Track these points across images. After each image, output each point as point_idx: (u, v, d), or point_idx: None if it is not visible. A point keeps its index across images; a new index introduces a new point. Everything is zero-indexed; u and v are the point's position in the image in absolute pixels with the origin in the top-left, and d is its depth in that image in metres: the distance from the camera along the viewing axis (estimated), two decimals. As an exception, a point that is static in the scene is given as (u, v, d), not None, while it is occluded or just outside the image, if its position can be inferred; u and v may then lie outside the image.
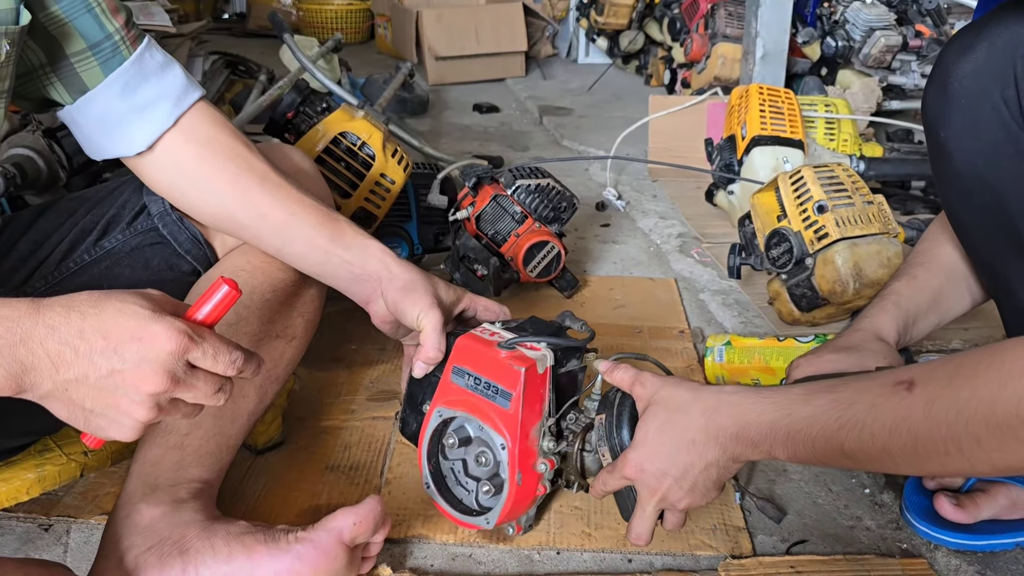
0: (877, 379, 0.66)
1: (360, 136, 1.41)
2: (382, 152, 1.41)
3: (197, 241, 0.97)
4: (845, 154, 1.85)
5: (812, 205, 1.34)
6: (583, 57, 4.08)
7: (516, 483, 0.85)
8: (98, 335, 0.62)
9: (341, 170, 1.39)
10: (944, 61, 0.87)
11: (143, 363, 0.63)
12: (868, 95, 2.28)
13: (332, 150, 1.39)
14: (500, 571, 0.93)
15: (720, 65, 2.55)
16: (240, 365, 0.68)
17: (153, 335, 0.63)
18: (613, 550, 0.95)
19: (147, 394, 0.64)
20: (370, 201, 1.43)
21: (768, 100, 1.76)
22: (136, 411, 0.64)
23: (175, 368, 0.64)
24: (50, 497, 0.99)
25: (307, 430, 1.15)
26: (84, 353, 0.62)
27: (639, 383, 0.84)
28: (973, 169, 0.86)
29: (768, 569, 0.92)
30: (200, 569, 0.77)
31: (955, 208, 0.94)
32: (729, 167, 1.77)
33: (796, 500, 1.04)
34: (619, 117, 2.85)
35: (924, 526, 0.96)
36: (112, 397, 0.64)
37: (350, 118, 1.43)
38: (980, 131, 0.84)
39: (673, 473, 0.78)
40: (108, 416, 0.65)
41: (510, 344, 0.86)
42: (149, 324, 0.63)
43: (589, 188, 2.24)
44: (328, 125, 1.41)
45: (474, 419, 0.87)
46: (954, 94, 0.85)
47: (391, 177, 1.43)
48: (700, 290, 1.62)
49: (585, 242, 1.88)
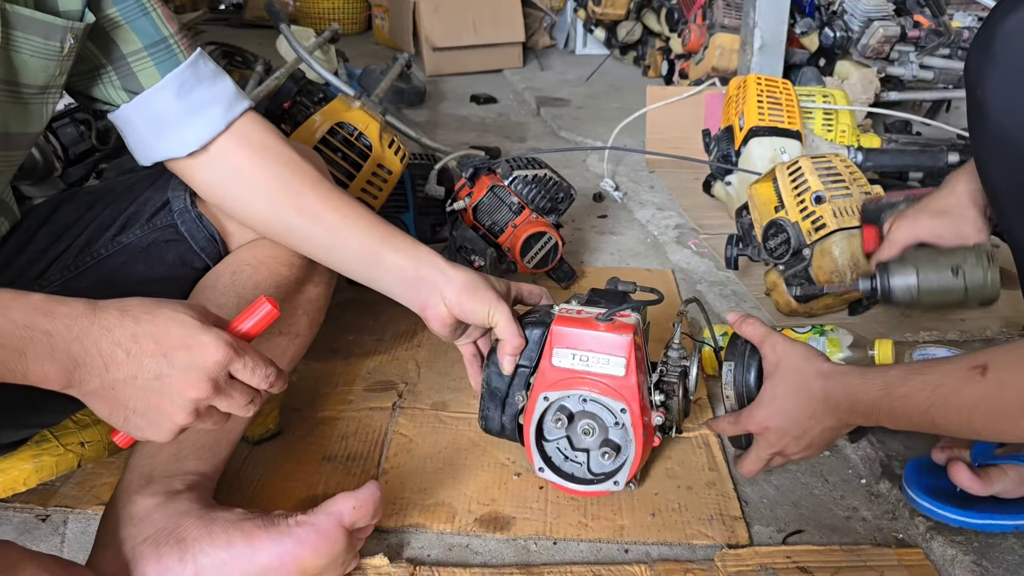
0: (957, 363, 0.77)
1: (357, 126, 1.41)
2: (379, 142, 1.41)
3: (213, 239, 0.98)
4: (843, 145, 1.84)
5: (810, 196, 1.34)
6: (581, 48, 4.07)
7: (641, 438, 0.91)
8: (150, 340, 0.66)
9: (338, 160, 1.39)
10: (990, 21, 0.87)
11: (190, 370, 0.66)
12: (866, 86, 2.28)
13: (329, 140, 1.39)
14: (497, 561, 0.93)
15: (718, 56, 2.55)
16: (272, 380, 0.72)
17: (202, 344, 0.67)
18: (610, 540, 0.95)
19: (190, 399, 0.67)
20: (367, 191, 1.42)
21: (766, 91, 1.76)
22: (177, 415, 0.68)
23: (218, 377, 0.68)
24: (47, 487, 0.99)
25: (304, 421, 1.15)
26: (135, 355, 0.65)
27: (769, 344, 0.94)
28: (1007, 130, 0.86)
29: (764, 559, 0.92)
30: (198, 557, 0.77)
31: (988, 167, 0.93)
32: (727, 158, 1.77)
33: (792, 491, 1.05)
34: (617, 108, 2.84)
35: (927, 502, 0.96)
36: (156, 399, 0.67)
37: (347, 108, 1.43)
38: (1018, 91, 0.84)
39: (793, 432, 0.90)
40: (149, 417, 0.68)
41: (608, 316, 0.91)
42: (198, 334, 0.67)
43: (586, 179, 2.23)
44: (325, 115, 1.41)
45: (576, 395, 0.92)
46: (995, 53, 0.85)
47: (388, 167, 1.43)
48: (697, 281, 1.62)
49: (582, 233, 1.88)
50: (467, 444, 1.11)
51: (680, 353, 1.01)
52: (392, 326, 1.42)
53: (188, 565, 0.76)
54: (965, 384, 0.75)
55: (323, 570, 0.80)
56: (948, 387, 0.76)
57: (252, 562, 0.77)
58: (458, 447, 1.10)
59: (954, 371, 0.77)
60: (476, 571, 0.90)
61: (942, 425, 0.78)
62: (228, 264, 0.97)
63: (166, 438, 0.69)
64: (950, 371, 0.77)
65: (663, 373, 0.99)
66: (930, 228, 1.05)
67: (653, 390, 0.96)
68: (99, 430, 0.97)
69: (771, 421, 0.91)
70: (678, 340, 1.01)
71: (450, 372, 1.28)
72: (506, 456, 1.08)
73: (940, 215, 1.05)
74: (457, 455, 1.09)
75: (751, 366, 0.96)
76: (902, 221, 1.07)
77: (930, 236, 1.05)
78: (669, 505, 1.01)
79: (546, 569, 0.90)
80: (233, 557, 0.77)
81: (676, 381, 0.99)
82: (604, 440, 0.95)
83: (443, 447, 1.10)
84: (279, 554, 0.77)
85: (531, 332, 0.97)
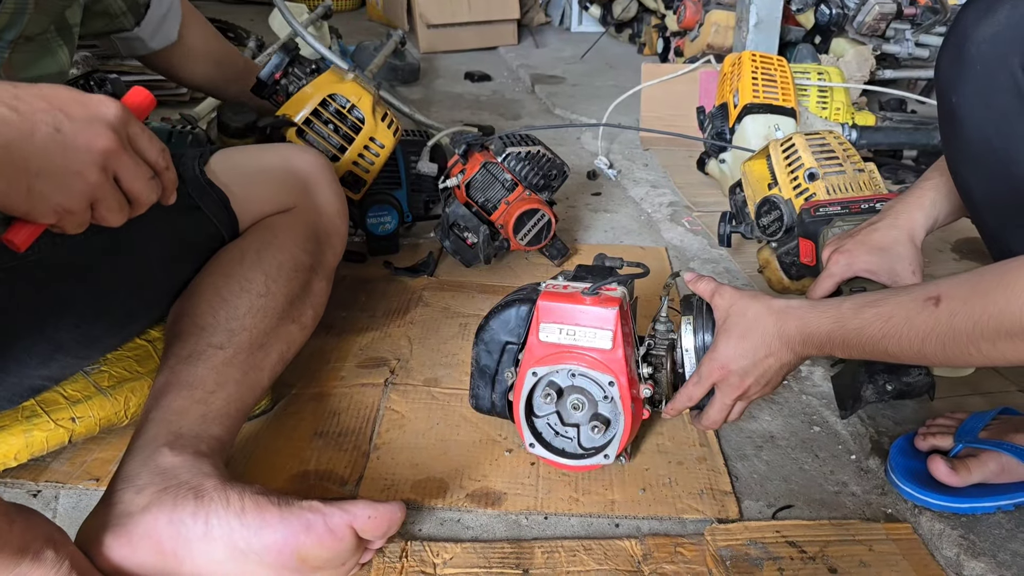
0: (911, 294, 0.79)
1: (350, 98, 1.39)
2: (371, 115, 1.40)
3: (223, 204, 1.02)
4: (837, 123, 1.84)
5: (803, 173, 1.33)
6: (576, 25, 4.04)
7: (630, 411, 0.92)
8: (37, 98, 0.62)
9: (330, 132, 1.38)
10: (962, 23, 0.84)
11: (92, 122, 0.64)
12: (861, 63, 2.27)
13: (320, 112, 1.38)
14: (488, 535, 0.93)
15: (713, 33, 2.53)
16: (166, 160, 0.72)
17: (97, 101, 0.65)
18: (600, 515, 0.96)
19: (98, 151, 0.64)
20: (359, 165, 1.41)
21: (761, 68, 1.75)
22: (87, 171, 0.64)
23: (120, 132, 0.65)
24: (38, 463, 0.99)
25: (296, 397, 1.15)
26: (25, 113, 0.61)
27: (719, 294, 0.94)
28: (984, 137, 0.85)
29: (754, 533, 0.93)
30: (211, 518, 0.77)
31: (962, 175, 0.92)
32: (721, 135, 1.76)
33: (783, 466, 1.05)
34: (612, 86, 2.83)
35: (909, 487, 0.97)
36: (61, 157, 0.63)
37: (339, 80, 1.41)
38: (994, 98, 0.82)
39: (754, 373, 0.91)
40: (56, 180, 0.63)
41: (594, 290, 0.91)
42: (88, 96, 0.65)
43: (580, 157, 2.22)
44: (317, 87, 1.39)
45: (565, 369, 0.92)
46: (970, 59, 0.83)
47: (380, 141, 1.41)
48: (690, 259, 1.62)
49: (576, 210, 1.87)
50: (459, 420, 1.11)
51: (667, 326, 1.01)
52: (384, 302, 1.42)
53: (199, 521, 0.77)
54: (918, 314, 0.76)
55: (323, 564, 0.79)
56: (900, 318, 0.78)
57: (258, 536, 0.77)
58: (450, 423, 1.10)
59: (907, 302, 0.78)
60: (467, 546, 0.90)
61: (895, 354, 0.80)
62: (252, 241, 1.02)
63: (79, 204, 0.65)
64: (903, 302, 0.79)
65: (651, 346, 0.99)
66: (867, 264, 1.07)
67: (641, 363, 0.97)
68: (90, 405, 0.97)
69: (732, 364, 0.91)
70: (665, 313, 1.02)
71: (442, 348, 1.28)
72: (498, 432, 1.08)
73: (877, 252, 1.07)
74: (449, 431, 1.09)
75: (708, 321, 0.97)
76: (840, 256, 1.09)
77: (865, 272, 1.07)
78: (660, 480, 1.01)
79: (537, 544, 0.91)
80: (243, 526, 0.77)
81: (664, 354, 0.99)
82: (594, 414, 0.95)
83: (435, 423, 1.11)
84: (284, 536, 0.77)
85: (518, 308, 0.97)
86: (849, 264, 1.08)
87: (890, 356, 0.81)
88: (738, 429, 1.12)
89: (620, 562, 0.88)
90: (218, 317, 0.95)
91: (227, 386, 0.91)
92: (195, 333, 0.93)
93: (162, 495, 0.78)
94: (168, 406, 0.87)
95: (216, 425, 0.88)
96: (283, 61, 1.39)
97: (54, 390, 0.95)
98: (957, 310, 0.73)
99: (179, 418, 0.86)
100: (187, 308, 0.97)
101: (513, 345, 0.98)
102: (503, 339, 0.99)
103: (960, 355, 0.74)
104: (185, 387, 0.89)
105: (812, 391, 1.20)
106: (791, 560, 0.89)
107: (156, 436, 0.84)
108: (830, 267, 1.10)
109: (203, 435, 0.86)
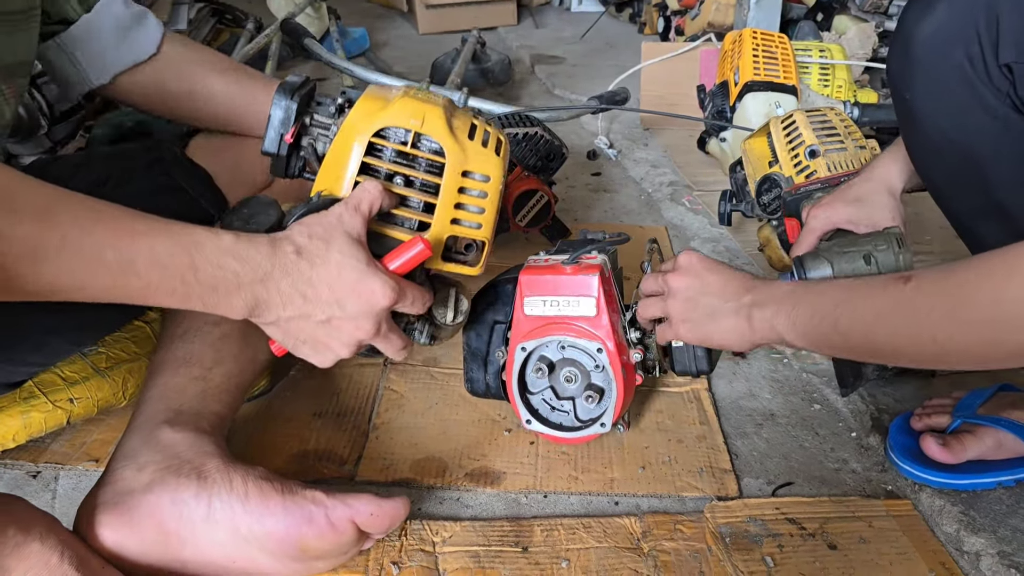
0: (887, 275, 0.76)
1: (407, 126, 0.82)
2: (450, 135, 0.83)
3: (210, 184, 1.00)
4: (839, 100, 1.82)
5: (804, 150, 1.32)
6: (576, 5, 4.01)
7: (621, 376, 0.92)
8: (324, 285, 0.73)
9: (400, 189, 0.83)
10: (905, 24, 0.86)
11: (359, 316, 0.75)
12: (864, 41, 2.25)
13: (374, 166, 0.82)
14: (488, 514, 0.93)
15: (714, 11, 2.51)
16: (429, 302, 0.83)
17: (371, 291, 0.74)
18: (600, 493, 0.96)
19: (356, 339, 0.77)
20: (462, 222, 0.85)
21: (762, 45, 1.73)
22: (341, 350, 0.77)
23: (382, 320, 0.77)
24: (37, 444, 0.99)
25: (295, 378, 1.15)
26: (311, 299, 0.73)
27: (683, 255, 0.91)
28: (941, 131, 0.86)
29: (754, 511, 0.92)
30: (213, 500, 0.77)
31: (926, 170, 0.94)
32: (721, 113, 1.75)
33: (783, 443, 1.05)
34: (612, 66, 2.80)
35: (908, 465, 0.97)
36: (325, 336, 0.76)
37: (383, 103, 0.84)
38: (945, 92, 0.83)
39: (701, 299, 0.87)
40: (315, 348, 0.77)
41: (573, 259, 0.91)
42: (367, 279, 0.74)
43: (580, 137, 2.21)
44: (353, 129, 0.82)
45: (555, 340, 0.93)
46: (916, 57, 0.84)
47: (481, 171, 0.85)
48: (691, 238, 1.61)
49: (576, 191, 1.86)
50: (458, 400, 1.11)
51: None
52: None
53: (202, 502, 0.76)
54: (883, 288, 0.72)
55: (324, 555, 0.80)
56: (865, 289, 0.74)
57: (260, 523, 0.77)
58: (449, 403, 1.10)
59: (879, 278, 0.74)
60: (467, 524, 0.90)
61: (845, 327, 0.73)
62: None
63: (326, 365, 0.79)
64: (875, 279, 0.75)
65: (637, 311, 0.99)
66: (846, 215, 1.06)
67: (629, 328, 0.96)
68: (88, 387, 0.97)
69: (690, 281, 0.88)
70: None
71: (442, 329, 1.28)
72: (497, 412, 1.08)
73: (854, 202, 1.06)
74: (448, 411, 1.09)
75: None
76: (818, 209, 1.08)
77: (846, 223, 1.06)
78: (659, 458, 1.01)
79: (536, 522, 0.91)
80: (245, 512, 0.77)
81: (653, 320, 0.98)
82: (587, 385, 0.95)
83: (434, 403, 1.10)
84: (286, 525, 0.77)
85: (503, 288, 0.97)
86: (828, 217, 1.07)
87: (839, 334, 0.75)
88: (738, 407, 1.12)
89: (619, 539, 0.88)
90: None
91: (225, 362, 0.91)
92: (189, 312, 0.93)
93: (164, 473, 0.77)
94: (166, 383, 0.87)
95: (215, 402, 0.88)
96: (289, 111, 0.86)
97: (51, 371, 0.95)
98: (924, 288, 0.69)
99: (178, 395, 0.86)
100: None
101: (501, 324, 0.98)
102: (491, 319, 0.99)
103: (913, 342, 0.69)
104: (183, 364, 0.89)
105: (812, 369, 1.19)
106: (790, 537, 0.89)
107: (156, 413, 0.84)
108: (809, 222, 1.09)
109: (203, 412, 0.86)
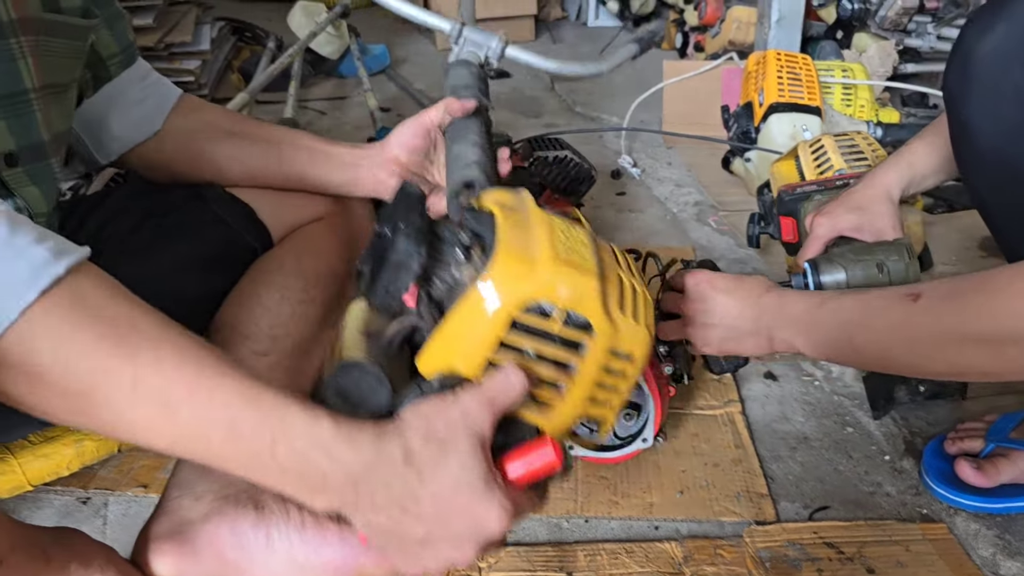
0: (897, 289, 0.78)
1: (558, 303, 0.61)
2: (603, 313, 0.62)
3: (251, 216, 1.02)
4: (862, 120, 1.84)
5: (832, 174, 1.34)
6: (593, 20, 4.03)
7: (657, 391, 0.94)
8: (430, 502, 0.61)
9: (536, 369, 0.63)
10: (965, 41, 0.87)
11: (463, 540, 0.63)
12: (884, 59, 2.26)
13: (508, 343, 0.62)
14: (531, 539, 0.95)
15: (735, 29, 2.53)
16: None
17: (484, 519, 0.62)
18: (640, 517, 0.97)
19: (450, 562, 0.65)
20: (597, 401, 0.66)
21: (786, 66, 1.75)
22: (430, 566, 0.65)
23: (486, 546, 0.65)
24: (87, 471, 1.02)
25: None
26: (411, 514, 0.61)
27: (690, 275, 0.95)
28: (996, 150, 0.86)
29: (792, 535, 0.94)
30: (272, 530, 0.78)
31: (978, 189, 0.94)
32: (746, 135, 1.76)
33: (818, 467, 1.06)
34: (632, 83, 2.82)
35: (943, 489, 0.98)
36: (416, 553, 0.64)
37: (527, 265, 0.61)
38: (1002, 111, 0.84)
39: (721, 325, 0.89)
40: (402, 559, 0.66)
41: None
42: (481, 502, 0.61)
43: (604, 155, 2.23)
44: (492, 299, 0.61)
45: None
46: (974, 75, 0.85)
47: (625, 349, 0.64)
48: (718, 259, 1.62)
49: (601, 211, 1.88)
50: (496, 424, 1.12)
51: None
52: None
53: (261, 533, 0.77)
54: (894, 306, 0.74)
55: None
56: (877, 306, 0.76)
57: (317, 553, 0.77)
58: (487, 427, 1.12)
59: (889, 294, 0.77)
60: (511, 550, 0.92)
61: (860, 344, 0.77)
62: (290, 250, 1.02)
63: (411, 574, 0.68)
64: (885, 293, 0.78)
65: None
66: (849, 223, 1.08)
67: (657, 343, 0.96)
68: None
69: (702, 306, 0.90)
70: None
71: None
72: (535, 435, 1.10)
73: (857, 210, 1.08)
74: (486, 435, 1.11)
75: None
76: (823, 217, 1.10)
77: (849, 231, 1.08)
78: (697, 482, 1.02)
79: (579, 547, 0.92)
80: (303, 542, 0.78)
81: None
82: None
83: (472, 427, 1.12)
84: (343, 555, 0.77)
85: None
86: (832, 224, 1.09)
87: (854, 346, 0.78)
88: (772, 431, 1.13)
89: (662, 564, 0.90)
90: (260, 325, 0.96)
91: None
92: (238, 342, 0.95)
93: (222, 503, 0.79)
94: None
95: None
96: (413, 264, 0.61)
97: (104, 400, 0.97)
98: (932, 307, 0.71)
99: None
100: (228, 318, 0.98)
101: None
102: None
103: (925, 358, 0.73)
104: None
105: (844, 391, 1.21)
106: (829, 561, 0.91)
107: None
108: (814, 229, 1.11)
109: None
